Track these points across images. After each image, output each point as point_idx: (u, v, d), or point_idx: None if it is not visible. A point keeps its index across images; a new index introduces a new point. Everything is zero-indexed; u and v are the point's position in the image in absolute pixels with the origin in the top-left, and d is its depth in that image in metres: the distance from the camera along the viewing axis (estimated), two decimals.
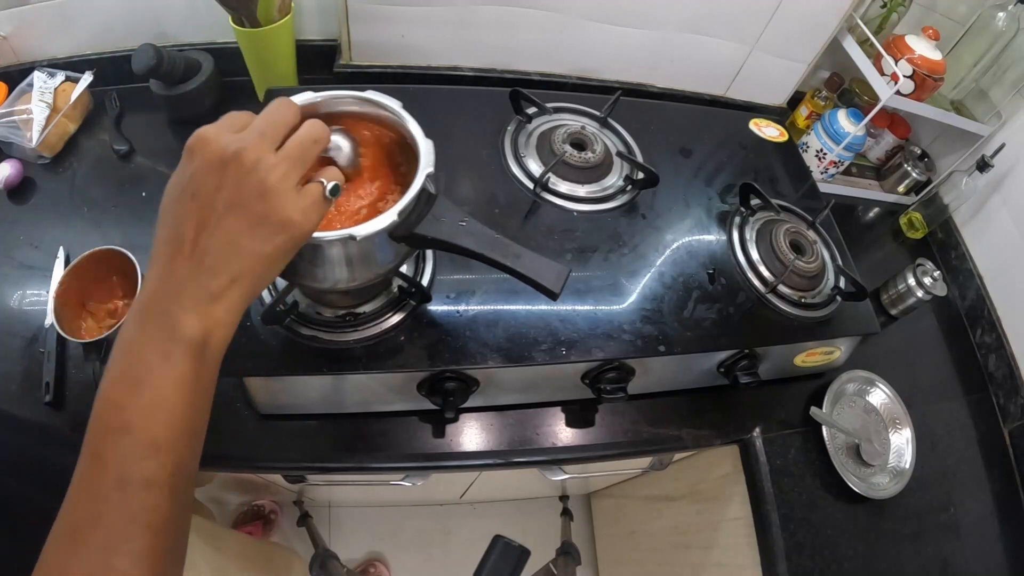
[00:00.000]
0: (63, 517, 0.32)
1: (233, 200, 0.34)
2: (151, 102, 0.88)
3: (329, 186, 0.38)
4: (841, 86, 1.13)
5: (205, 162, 0.35)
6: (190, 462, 0.35)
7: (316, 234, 0.47)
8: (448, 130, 0.80)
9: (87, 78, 0.88)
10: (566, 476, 0.86)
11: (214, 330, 0.35)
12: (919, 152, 1.16)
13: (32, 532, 0.44)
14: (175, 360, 0.34)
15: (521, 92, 0.83)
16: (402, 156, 0.57)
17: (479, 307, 0.67)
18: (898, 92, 0.92)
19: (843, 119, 1.02)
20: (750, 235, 0.81)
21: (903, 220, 1.14)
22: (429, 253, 0.69)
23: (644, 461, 0.97)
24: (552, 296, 0.51)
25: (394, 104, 0.54)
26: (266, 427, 0.70)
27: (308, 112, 0.54)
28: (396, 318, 0.64)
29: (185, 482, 0.35)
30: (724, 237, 0.80)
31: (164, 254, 0.35)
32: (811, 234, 0.82)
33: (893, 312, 0.98)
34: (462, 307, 0.67)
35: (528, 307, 0.68)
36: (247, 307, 0.37)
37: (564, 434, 0.76)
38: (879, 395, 0.87)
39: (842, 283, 0.81)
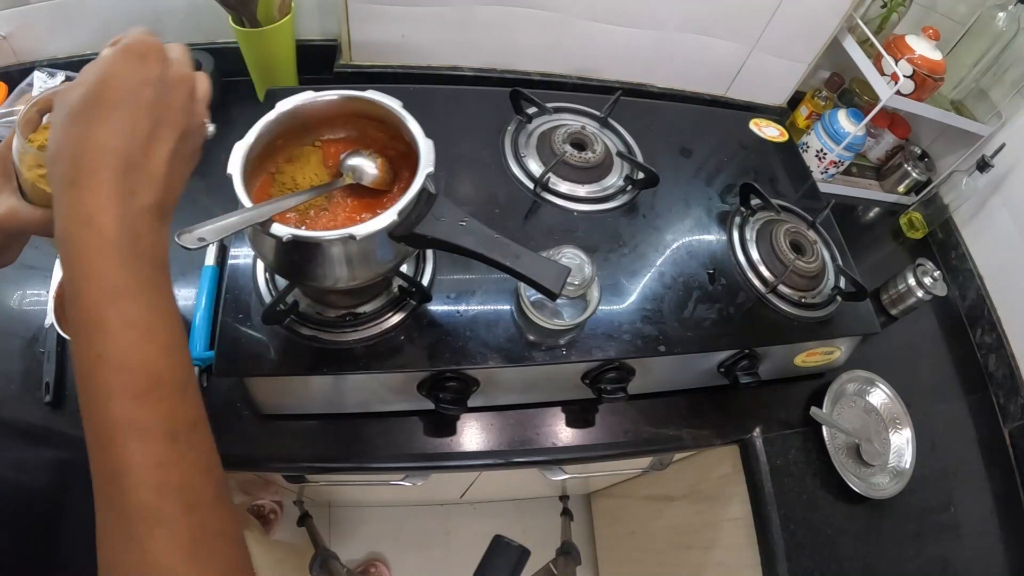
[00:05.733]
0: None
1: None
2: None
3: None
4: (841, 86, 1.13)
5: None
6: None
7: (317, 233, 0.47)
8: (448, 130, 0.80)
9: None
10: (566, 476, 0.86)
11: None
12: (919, 152, 1.16)
13: (32, 530, 0.43)
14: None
15: (521, 92, 0.83)
16: (401, 157, 0.57)
17: (479, 307, 0.67)
18: (898, 92, 0.92)
19: (843, 119, 1.02)
20: (750, 235, 0.81)
21: (903, 220, 1.14)
22: (429, 253, 0.69)
23: (644, 461, 0.97)
24: (552, 296, 0.51)
25: (394, 104, 0.54)
26: (266, 427, 0.70)
27: (309, 112, 0.55)
28: (396, 318, 0.64)
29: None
30: (724, 237, 0.80)
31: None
32: (811, 234, 0.82)
33: (893, 312, 0.98)
34: (462, 307, 0.67)
35: None
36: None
37: (564, 434, 0.76)
38: (879, 395, 0.87)
39: (842, 283, 0.81)
